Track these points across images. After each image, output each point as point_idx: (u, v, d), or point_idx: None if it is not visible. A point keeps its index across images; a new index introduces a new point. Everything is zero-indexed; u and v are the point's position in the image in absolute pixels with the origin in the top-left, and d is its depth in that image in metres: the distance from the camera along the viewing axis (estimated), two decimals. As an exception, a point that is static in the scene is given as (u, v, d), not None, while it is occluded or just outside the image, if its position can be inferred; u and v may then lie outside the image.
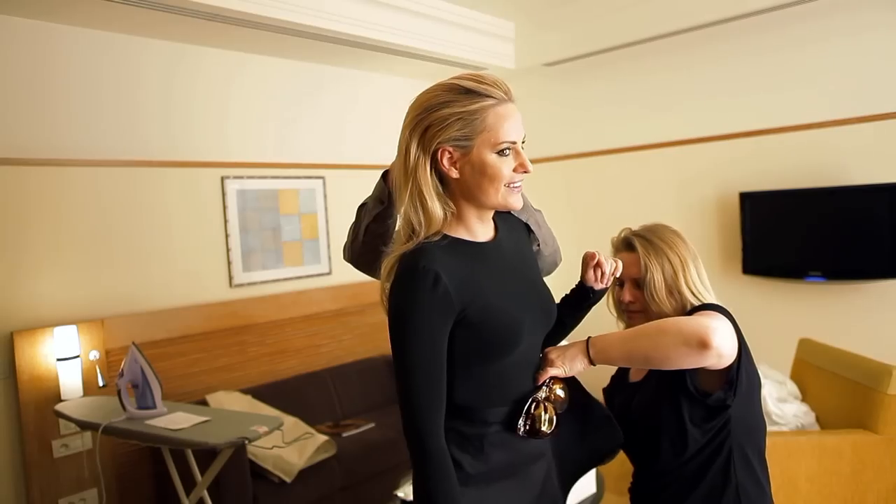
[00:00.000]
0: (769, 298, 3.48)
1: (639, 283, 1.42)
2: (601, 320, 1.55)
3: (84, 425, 2.32)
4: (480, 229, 1.17)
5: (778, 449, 2.26)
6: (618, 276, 1.31)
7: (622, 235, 1.50)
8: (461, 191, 1.11)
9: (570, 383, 1.26)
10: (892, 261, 2.99)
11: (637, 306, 1.44)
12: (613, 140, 4.12)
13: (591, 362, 1.22)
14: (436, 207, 1.07)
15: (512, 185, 1.11)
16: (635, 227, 1.52)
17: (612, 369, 1.57)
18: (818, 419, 2.59)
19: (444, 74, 1.17)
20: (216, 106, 3.35)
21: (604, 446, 1.33)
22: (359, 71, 3.97)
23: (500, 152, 1.08)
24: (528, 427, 1.14)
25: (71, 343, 2.73)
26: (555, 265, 1.42)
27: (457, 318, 1.06)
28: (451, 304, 1.04)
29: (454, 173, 1.09)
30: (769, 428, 2.57)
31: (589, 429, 1.31)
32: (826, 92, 3.26)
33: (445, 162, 1.08)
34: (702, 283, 1.42)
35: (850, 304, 3.21)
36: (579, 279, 1.33)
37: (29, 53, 2.77)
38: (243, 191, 3.46)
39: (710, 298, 1.40)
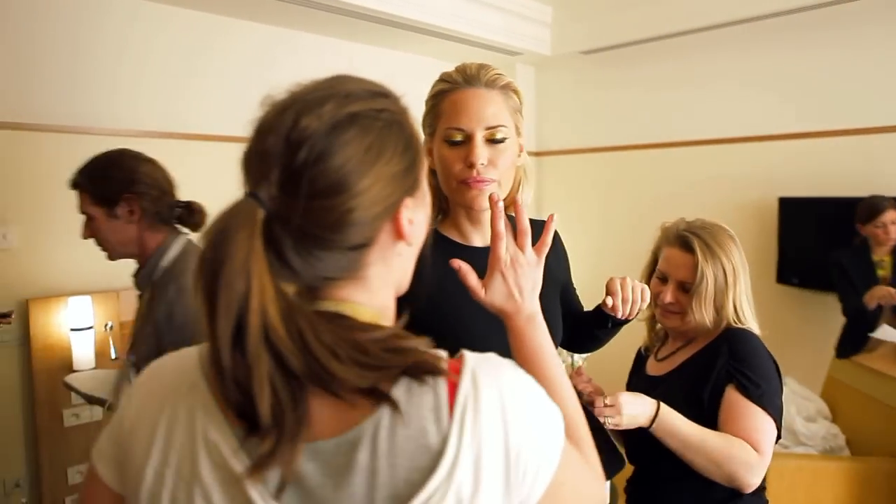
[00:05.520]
0: (802, 310, 3.32)
1: (685, 287, 1.33)
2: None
3: (91, 399, 2.29)
4: (472, 231, 1.06)
5: (804, 472, 2.15)
6: (644, 308, 1.19)
7: (680, 230, 1.39)
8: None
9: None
10: (939, 279, 2.82)
11: (676, 308, 1.35)
12: (651, 135, 3.97)
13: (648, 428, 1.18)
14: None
15: (465, 182, 0.97)
16: (689, 218, 1.43)
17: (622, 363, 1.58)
18: (848, 442, 2.47)
19: (475, 57, 1.09)
20: (248, 80, 3.28)
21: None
22: (387, 49, 3.86)
23: (449, 141, 0.98)
24: None
25: (85, 313, 2.71)
26: None
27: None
28: None
29: (429, 164, 1.02)
30: (795, 449, 2.46)
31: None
32: (878, 96, 3.07)
33: (426, 153, 1.00)
34: (747, 299, 1.36)
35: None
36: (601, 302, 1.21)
37: (47, 19, 2.72)
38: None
39: (750, 319, 1.35)
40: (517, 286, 0.78)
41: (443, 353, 0.59)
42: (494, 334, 0.86)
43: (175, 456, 0.57)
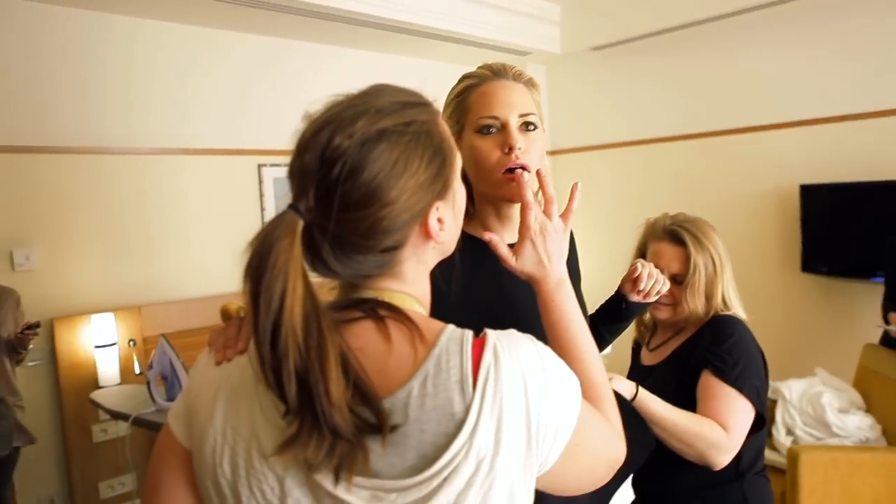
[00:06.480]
0: (830, 299, 3.24)
1: (677, 279, 1.38)
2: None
3: (116, 415, 2.33)
4: (500, 229, 1.04)
5: (839, 465, 2.09)
6: (663, 292, 1.21)
7: (667, 225, 1.44)
8: (472, 185, 1.01)
9: None
10: (973, 261, 2.73)
11: (668, 300, 1.39)
12: (665, 128, 3.91)
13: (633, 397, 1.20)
14: None
15: (506, 173, 0.94)
16: (672, 213, 1.48)
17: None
18: (885, 433, 2.39)
19: (484, 59, 1.07)
20: (253, 93, 3.31)
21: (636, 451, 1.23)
22: (398, 56, 3.87)
23: (481, 130, 0.97)
24: None
25: (108, 330, 2.75)
26: None
27: None
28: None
29: None
30: (828, 440, 2.40)
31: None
32: (901, 76, 2.99)
33: None
34: (732, 287, 1.41)
35: (922, 306, 2.96)
36: (618, 287, 1.22)
37: (70, 42, 2.78)
38: (280, 179, 3.42)
39: (737, 305, 1.40)
40: (546, 253, 0.83)
41: (468, 332, 0.63)
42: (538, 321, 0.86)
43: (234, 415, 0.64)
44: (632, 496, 2.18)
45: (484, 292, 0.96)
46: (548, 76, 4.50)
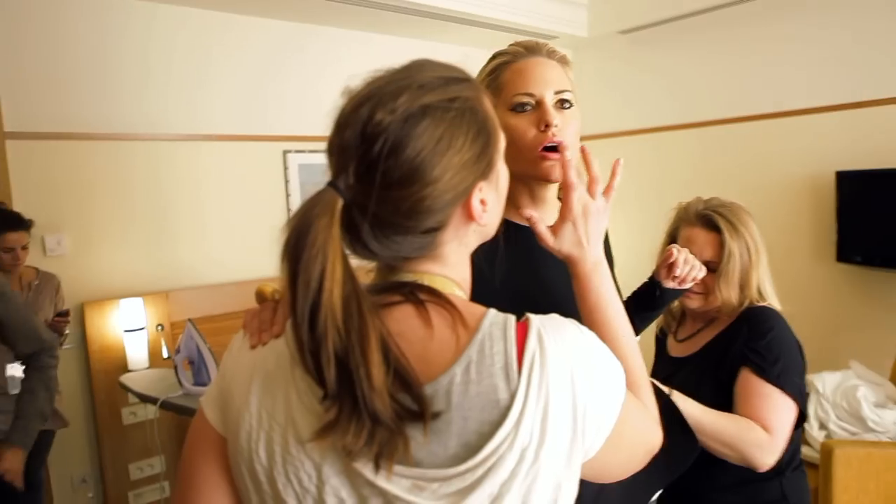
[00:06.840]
0: (867, 290, 3.15)
1: (710, 266, 1.30)
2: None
3: (144, 398, 2.37)
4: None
5: (874, 461, 2.02)
6: (698, 278, 1.16)
7: (701, 209, 1.37)
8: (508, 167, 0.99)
9: None
10: None
11: (700, 288, 1.32)
12: (696, 113, 3.82)
13: None
14: None
15: (543, 151, 0.91)
16: (705, 197, 1.42)
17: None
18: (922, 428, 2.32)
19: (508, 43, 1.04)
20: (278, 79, 3.31)
21: (678, 460, 1.17)
22: (419, 41, 3.83)
23: (515, 108, 0.94)
24: None
25: (137, 315, 2.79)
26: None
27: None
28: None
29: None
30: (864, 435, 2.33)
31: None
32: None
33: None
34: (767, 276, 1.35)
35: (963, 298, 2.86)
36: (651, 274, 1.19)
37: (93, 28, 2.79)
38: (306, 165, 3.42)
39: (771, 295, 1.35)
40: (586, 234, 0.81)
41: (511, 317, 0.62)
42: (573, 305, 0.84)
43: (270, 401, 0.62)
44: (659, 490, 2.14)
45: (520, 276, 0.94)
46: (574, 61, 4.40)
